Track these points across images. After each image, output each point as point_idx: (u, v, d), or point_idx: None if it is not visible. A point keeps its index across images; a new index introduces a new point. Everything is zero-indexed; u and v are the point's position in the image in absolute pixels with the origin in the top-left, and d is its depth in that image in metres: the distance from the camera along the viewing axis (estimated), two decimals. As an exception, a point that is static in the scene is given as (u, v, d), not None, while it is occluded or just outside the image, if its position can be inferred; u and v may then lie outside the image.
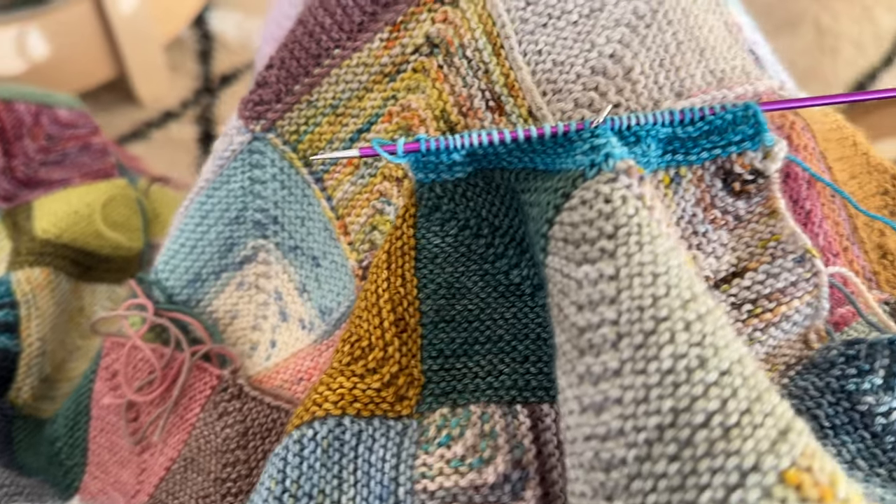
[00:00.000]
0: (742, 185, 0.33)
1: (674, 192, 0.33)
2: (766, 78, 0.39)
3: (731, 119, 0.32)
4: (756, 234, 0.32)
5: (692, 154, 0.33)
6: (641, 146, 0.32)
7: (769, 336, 0.32)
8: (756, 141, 0.32)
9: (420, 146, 0.31)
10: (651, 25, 0.37)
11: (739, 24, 0.40)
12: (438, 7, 0.39)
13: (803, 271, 0.31)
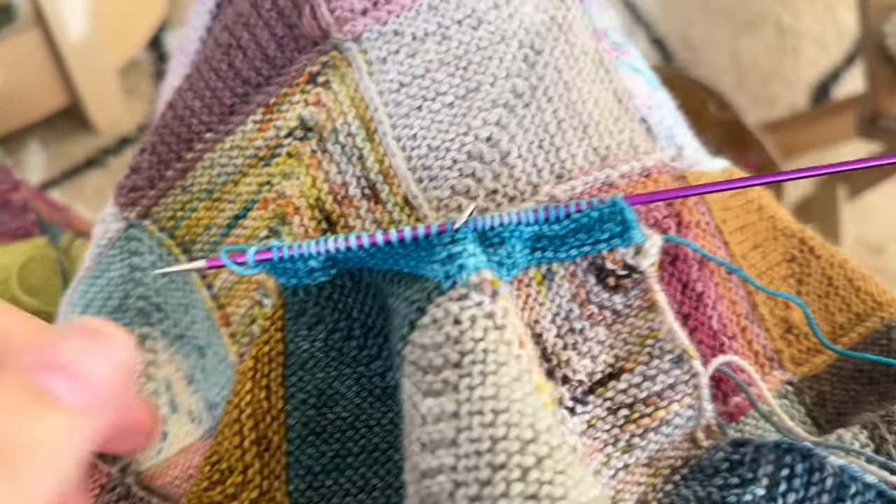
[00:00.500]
0: (616, 280, 0.31)
1: (547, 288, 0.32)
2: (657, 150, 0.37)
3: (598, 217, 0.30)
4: (634, 330, 0.31)
5: (561, 251, 0.31)
6: (506, 247, 0.30)
7: (649, 441, 0.30)
8: (626, 237, 0.30)
9: (272, 255, 0.29)
10: (530, 105, 0.35)
11: (631, 90, 0.38)
12: (311, 88, 0.37)
13: (681, 373, 0.30)
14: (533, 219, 0.30)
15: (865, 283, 0.39)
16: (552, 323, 0.31)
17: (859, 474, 0.29)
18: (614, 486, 0.30)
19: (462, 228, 0.29)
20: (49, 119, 1.40)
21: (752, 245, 0.38)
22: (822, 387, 0.36)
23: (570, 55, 0.37)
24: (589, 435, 0.29)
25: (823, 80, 1.52)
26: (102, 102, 1.39)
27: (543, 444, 0.23)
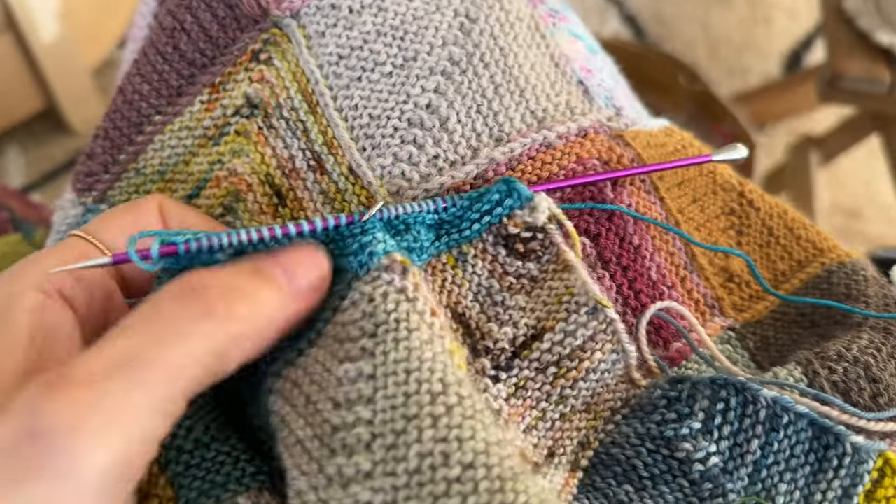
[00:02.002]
0: (524, 244, 0.33)
1: (462, 269, 0.33)
2: (594, 111, 0.38)
3: (499, 198, 0.32)
4: (552, 291, 0.32)
5: (465, 230, 0.33)
6: (412, 232, 0.32)
7: (580, 390, 0.31)
8: (515, 197, 0.32)
9: (178, 249, 0.29)
10: (466, 71, 0.36)
11: (568, 54, 0.39)
12: (255, 66, 0.38)
13: (597, 324, 0.31)
14: (430, 208, 0.32)
15: (806, 232, 0.40)
16: (474, 301, 0.33)
17: (791, 405, 0.30)
18: (552, 437, 0.31)
19: (369, 220, 0.30)
20: (26, 123, 1.40)
21: (690, 199, 0.39)
22: (766, 332, 0.37)
23: (505, 22, 0.38)
24: (519, 396, 0.31)
25: (795, 49, 1.53)
26: (78, 103, 1.40)
27: (453, 394, 0.25)
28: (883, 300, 0.37)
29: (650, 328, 0.35)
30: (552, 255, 0.32)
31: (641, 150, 0.38)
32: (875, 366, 0.32)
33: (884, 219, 1.32)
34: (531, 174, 0.35)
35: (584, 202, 0.36)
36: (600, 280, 0.35)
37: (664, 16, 1.60)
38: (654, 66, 1.20)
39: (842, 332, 0.36)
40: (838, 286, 0.38)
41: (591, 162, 0.37)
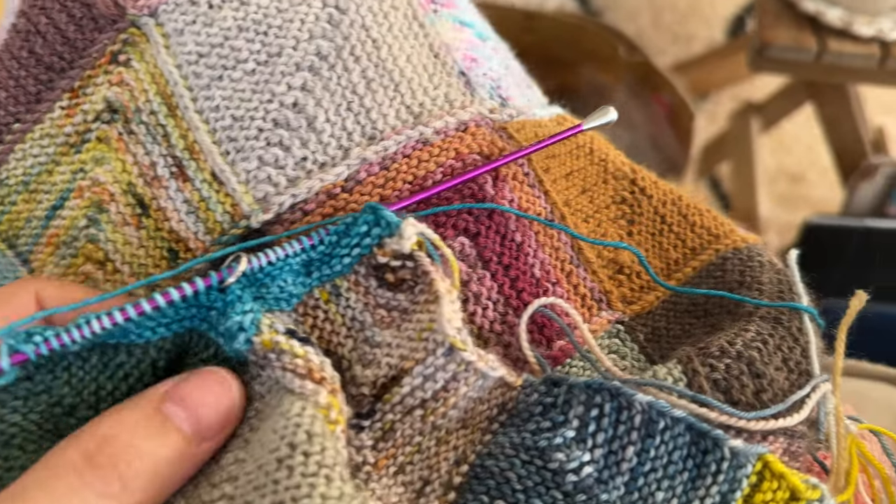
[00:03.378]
0: (394, 274, 0.31)
1: (336, 304, 0.32)
2: (475, 103, 0.37)
3: (366, 230, 0.31)
4: (419, 325, 0.30)
5: (336, 265, 0.31)
6: (277, 283, 0.30)
7: (450, 418, 0.30)
8: (383, 225, 0.30)
9: (28, 355, 0.27)
10: (335, 66, 0.34)
11: (450, 43, 0.38)
12: (114, 68, 0.36)
13: (456, 366, 0.29)
14: (296, 249, 0.31)
15: (701, 218, 0.39)
16: (348, 336, 0.31)
17: (667, 409, 0.29)
18: (429, 465, 0.30)
19: (231, 286, 0.29)
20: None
21: (580, 190, 0.38)
22: (657, 323, 0.37)
23: (378, 11, 0.36)
24: (388, 439, 0.29)
25: (739, 14, 1.52)
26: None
27: (299, 455, 0.25)
28: (777, 287, 0.36)
29: (533, 326, 0.34)
30: (425, 283, 0.31)
31: (526, 141, 0.37)
32: (759, 360, 0.32)
33: (827, 183, 1.33)
34: (406, 173, 0.34)
35: (463, 200, 0.34)
36: (480, 280, 0.34)
37: (608, -16, 1.58)
38: (594, 38, 1.19)
39: (732, 321, 0.35)
40: (732, 273, 0.37)
41: (472, 157, 0.35)
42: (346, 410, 0.28)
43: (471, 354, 0.29)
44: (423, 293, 0.31)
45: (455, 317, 0.30)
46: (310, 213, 0.33)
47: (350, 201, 0.33)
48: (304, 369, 0.27)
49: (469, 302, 0.33)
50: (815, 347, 0.34)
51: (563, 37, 1.23)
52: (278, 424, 0.26)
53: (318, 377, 0.27)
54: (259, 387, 0.29)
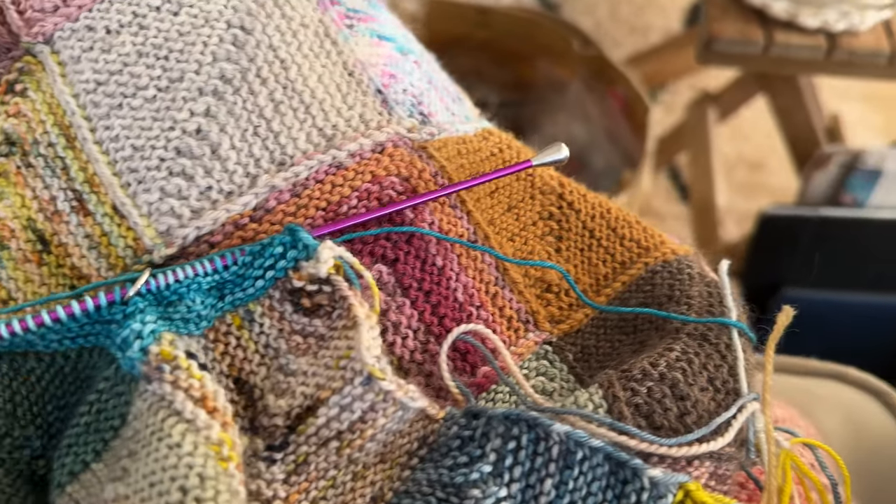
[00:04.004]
0: (310, 299, 0.30)
1: (249, 330, 0.30)
2: (392, 123, 0.35)
3: (282, 251, 0.29)
4: (336, 353, 0.29)
5: (249, 288, 0.30)
6: (185, 302, 0.29)
7: (368, 451, 0.29)
8: (300, 248, 0.29)
9: None
10: (240, 89, 0.33)
11: (366, 60, 0.36)
12: (10, 99, 0.34)
13: (374, 396, 0.28)
14: (206, 269, 0.30)
15: (631, 231, 0.38)
16: (261, 364, 0.30)
17: (585, 439, 0.28)
18: (343, 500, 0.29)
19: (133, 298, 0.28)
20: None
21: (505, 207, 0.37)
22: (586, 341, 0.36)
23: (286, 30, 0.35)
24: (301, 472, 0.28)
25: (695, 3, 1.52)
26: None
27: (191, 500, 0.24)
28: (707, 300, 0.36)
29: (456, 354, 0.33)
30: (343, 309, 0.30)
31: (447, 161, 0.36)
32: (683, 381, 0.31)
33: (786, 170, 1.34)
34: (319, 199, 0.33)
35: (381, 225, 0.33)
36: (400, 309, 0.33)
37: (565, -25, 1.57)
38: (548, 32, 1.18)
39: (660, 338, 0.34)
40: (661, 287, 0.36)
41: (389, 180, 0.34)
42: (238, 444, 0.27)
43: (390, 384, 0.28)
44: (340, 319, 0.30)
45: (374, 344, 0.29)
46: (216, 245, 0.32)
47: (259, 231, 0.32)
48: (198, 393, 0.27)
49: (388, 332, 0.32)
50: (742, 364, 0.33)
51: (517, 32, 1.22)
52: (167, 461, 0.25)
53: (210, 406, 0.26)
54: (141, 403, 0.27)
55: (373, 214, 0.32)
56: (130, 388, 0.29)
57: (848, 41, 0.79)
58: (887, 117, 1.42)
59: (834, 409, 0.54)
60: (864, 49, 0.79)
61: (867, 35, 0.80)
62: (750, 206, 1.29)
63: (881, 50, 0.79)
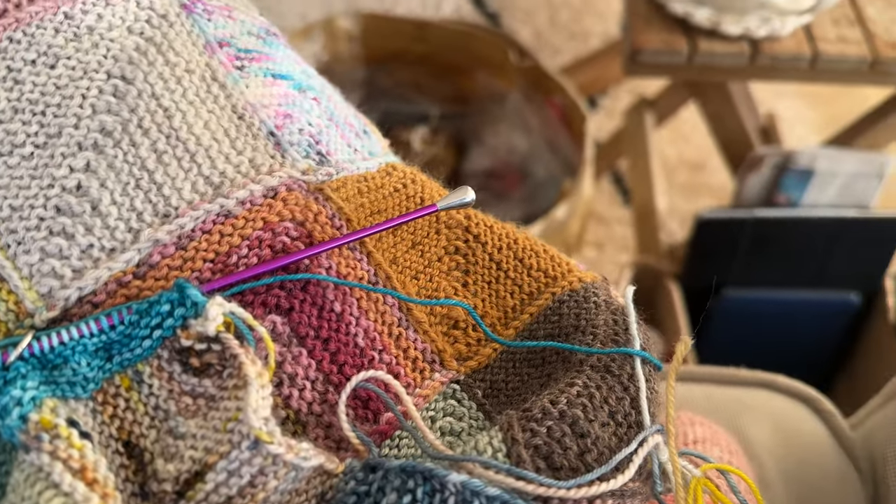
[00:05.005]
0: (199, 358, 0.29)
1: (139, 392, 0.30)
2: (286, 166, 0.35)
3: (169, 309, 0.29)
4: (225, 414, 0.28)
5: (136, 348, 0.29)
6: (70, 365, 0.28)
7: None
8: (189, 306, 0.28)
9: None
10: (121, 142, 0.32)
11: (257, 102, 0.36)
12: None
13: (262, 460, 0.27)
14: (92, 329, 0.29)
15: (538, 260, 0.38)
16: (151, 427, 0.29)
17: (481, 489, 0.28)
18: None
19: (15, 363, 0.27)
20: None
21: (409, 244, 0.37)
22: (495, 376, 0.35)
23: (170, 77, 0.34)
24: None
25: (632, 8, 1.54)
26: None
27: None
28: (612, 329, 0.36)
29: (357, 402, 0.32)
30: (233, 368, 0.29)
31: (345, 201, 0.35)
32: (584, 418, 0.31)
33: (726, 170, 1.36)
34: (207, 251, 0.32)
35: (274, 273, 0.33)
36: (296, 359, 0.32)
37: (503, -16, 1.58)
38: (485, 44, 1.18)
39: (565, 370, 0.34)
40: (568, 317, 0.36)
41: (283, 226, 0.33)
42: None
43: (278, 447, 0.28)
44: (231, 378, 0.29)
45: (263, 405, 0.28)
46: (100, 305, 0.31)
47: (143, 288, 0.31)
48: (78, 464, 0.26)
49: (284, 384, 0.31)
50: (644, 395, 0.33)
51: (454, 44, 1.22)
52: None
53: (90, 478, 0.26)
54: (19, 474, 0.26)
55: (265, 267, 0.32)
56: (11, 457, 0.28)
57: (770, 46, 0.80)
58: (822, 112, 1.45)
59: (764, 418, 0.55)
60: (786, 54, 0.80)
61: (789, 40, 0.81)
62: (692, 207, 1.31)
63: (802, 54, 0.81)
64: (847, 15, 0.85)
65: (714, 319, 1.01)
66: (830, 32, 0.84)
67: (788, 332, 1.03)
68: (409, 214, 0.35)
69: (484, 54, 1.19)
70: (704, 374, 0.58)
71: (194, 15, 0.36)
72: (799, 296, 1.01)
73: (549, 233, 1.06)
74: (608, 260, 1.30)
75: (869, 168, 0.96)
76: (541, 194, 1.21)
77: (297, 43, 1.20)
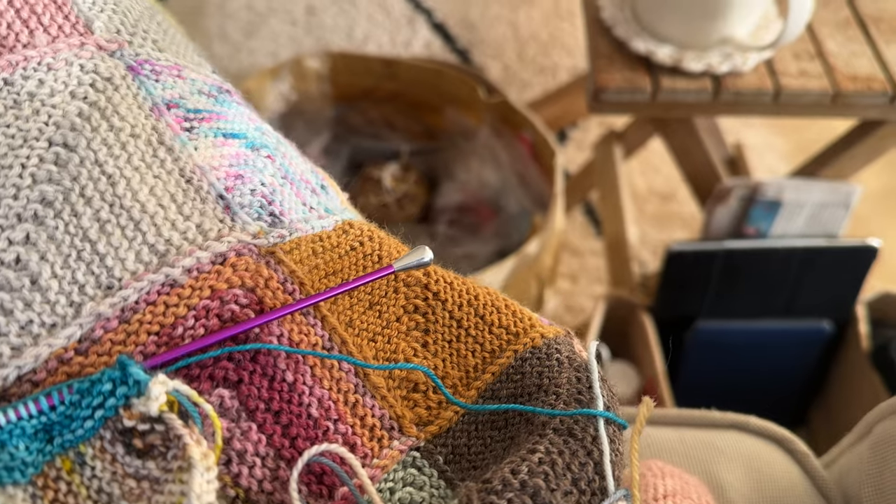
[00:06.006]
0: (142, 440, 0.28)
1: (81, 474, 0.28)
2: (235, 230, 0.34)
3: (111, 388, 0.27)
4: (170, 499, 0.27)
5: (78, 429, 0.28)
6: (7, 450, 0.27)
7: None
8: (131, 384, 0.27)
9: None
10: (62, 212, 0.31)
11: (206, 164, 0.35)
12: None
13: None
14: (31, 411, 0.27)
15: (499, 317, 0.37)
16: None
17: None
18: None
19: None
20: None
21: (366, 305, 0.36)
22: (457, 441, 0.34)
23: (114, 143, 0.33)
24: None
25: (599, 41, 1.56)
26: None
27: None
28: (576, 387, 0.35)
29: (311, 477, 0.31)
30: (178, 449, 0.28)
31: (298, 264, 0.34)
32: (545, 488, 0.30)
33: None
34: (151, 324, 0.31)
35: (222, 344, 0.31)
36: (245, 435, 0.31)
37: (472, 20, 1.59)
38: (454, 81, 1.19)
39: (528, 433, 0.33)
40: (531, 376, 0.35)
41: (231, 293, 0.32)
42: None
43: None
44: (175, 460, 0.28)
45: (208, 489, 0.27)
46: (40, 383, 0.29)
47: (86, 364, 0.30)
48: None
49: (233, 462, 0.30)
50: (608, 459, 0.32)
51: (424, 82, 1.22)
52: None
53: None
54: None
55: (212, 339, 0.30)
56: None
57: (733, 82, 0.81)
58: (791, 141, 1.47)
59: (736, 460, 0.54)
60: (748, 89, 0.81)
61: (751, 75, 0.82)
62: (664, 237, 1.31)
63: (765, 89, 0.81)
64: (808, 49, 0.87)
65: (688, 351, 1.01)
66: (792, 67, 0.85)
67: (763, 361, 1.03)
68: (365, 277, 0.34)
69: (453, 91, 1.19)
70: (676, 417, 0.57)
71: (141, 77, 0.35)
72: (772, 326, 1.01)
73: (522, 267, 1.06)
74: (582, 292, 1.30)
75: (835, 198, 0.97)
76: (513, 228, 1.21)
77: (265, 83, 1.19)
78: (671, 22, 0.80)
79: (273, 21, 1.59)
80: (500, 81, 1.47)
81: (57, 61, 0.34)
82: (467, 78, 1.18)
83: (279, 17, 1.60)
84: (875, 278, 1.01)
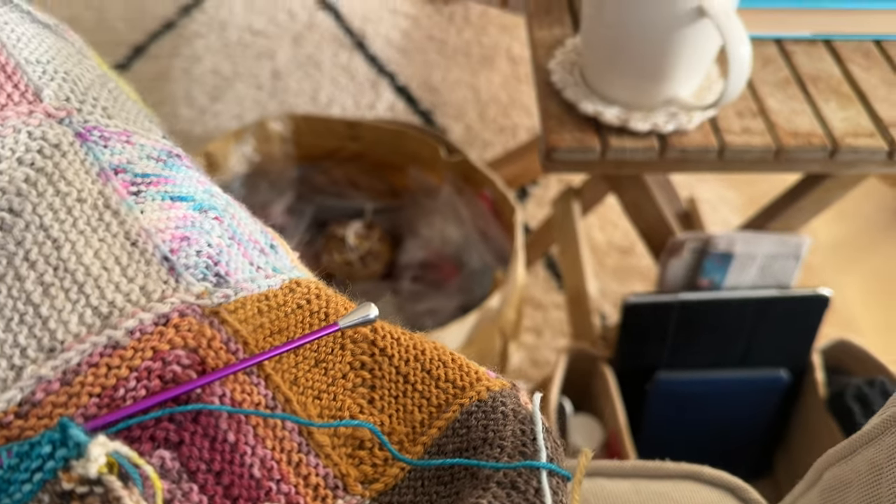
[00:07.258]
0: (81, 502, 0.28)
1: None
2: (179, 291, 0.34)
3: (51, 450, 0.27)
4: None
5: (16, 494, 0.28)
6: None
7: None
8: (71, 445, 0.27)
9: None
10: (5, 276, 0.31)
11: (151, 227, 0.35)
12: None
13: None
14: None
15: (446, 370, 0.38)
16: None
17: None
18: None
19: None
20: None
21: (312, 363, 0.36)
22: (403, 498, 0.35)
23: (60, 208, 0.34)
24: None
25: (556, 101, 1.61)
26: None
27: None
28: (520, 440, 0.35)
29: (253, 537, 0.31)
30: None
31: (242, 323, 0.35)
32: (487, 541, 0.30)
33: (655, 253, 1.40)
34: (93, 386, 0.31)
35: (163, 406, 0.32)
36: (186, 496, 0.31)
37: (434, 83, 1.63)
38: (415, 141, 1.21)
39: (472, 487, 0.33)
40: (476, 429, 0.36)
41: (174, 354, 0.33)
42: None
43: None
44: None
45: None
46: (-23, 449, 0.29)
47: (26, 428, 0.30)
48: None
49: (173, 523, 0.30)
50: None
51: (386, 142, 1.24)
52: None
53: None
54: None
55: (153, 400, 0.31)
56: None
57: (679, 140, 0.84)
58: (743, 193, 1.51)
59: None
60: (694, 146, 0.84)
61: (696, 133, 0.85)
62: (625, 290, 1.33)
63: (710, 146, 0.84)
64: (750, 107, 0.90)
65: (649, 403, 1.02)
66: (735, 124, 0.88)
67: (725, 411, 1.05)
68: (309, 335, 0.35)
69: (415, 151, 1.21)
70: (631, 469, 0.57)
71: (89, 143, 0.36)
72: (731, 375, 1.02)
73: (486, 322, 1.07)
74: (547, 345, 1.31)
75: (786, 249, 1.00)
76: (476, 283, 1.22)
77: (228, 145, 1.21)
78: (618, 85, 0.83)
79: (239, 85, 1.62)
80: (462, 141, 1.51)
81: (5, 128, 0.35)
82: (429, 138, 1.21)
83: (245, 82, 1.62)
84: (829, 326, 1.04)
